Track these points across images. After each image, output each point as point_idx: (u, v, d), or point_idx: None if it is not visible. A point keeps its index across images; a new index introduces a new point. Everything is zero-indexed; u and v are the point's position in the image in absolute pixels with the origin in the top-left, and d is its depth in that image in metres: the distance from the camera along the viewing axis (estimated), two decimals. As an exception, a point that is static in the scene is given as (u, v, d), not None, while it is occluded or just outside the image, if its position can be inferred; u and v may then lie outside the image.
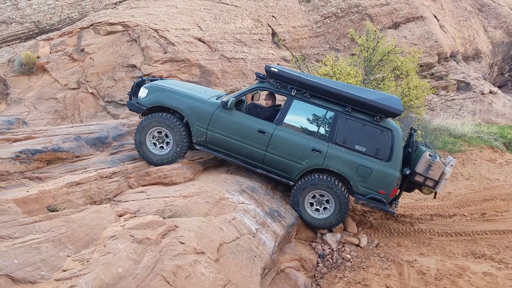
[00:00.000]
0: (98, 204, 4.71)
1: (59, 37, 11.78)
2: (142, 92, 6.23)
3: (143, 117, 6.26)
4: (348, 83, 9.45)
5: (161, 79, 7.28)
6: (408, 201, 8.85)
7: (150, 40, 10.89)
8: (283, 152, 5.87)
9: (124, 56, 11.11)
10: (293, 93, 5.93)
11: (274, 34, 13.75)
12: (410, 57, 10.88)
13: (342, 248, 6.39)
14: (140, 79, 6.65)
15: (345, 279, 5.51)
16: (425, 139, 11.24)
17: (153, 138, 6.13)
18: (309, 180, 5.88)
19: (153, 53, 10.72)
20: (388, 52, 10.88)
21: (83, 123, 8.89)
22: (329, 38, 14.76)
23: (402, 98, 10.34)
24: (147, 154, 6.12)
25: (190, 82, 10.26)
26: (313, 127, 5.94)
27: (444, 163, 5.73)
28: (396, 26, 15.94)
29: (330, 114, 5.88)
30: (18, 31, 12.37)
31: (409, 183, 6.02)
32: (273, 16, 14.11)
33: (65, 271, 2.87)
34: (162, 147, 6.16)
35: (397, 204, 6.00)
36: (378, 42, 11.02)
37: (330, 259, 6.04)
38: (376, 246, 6.55)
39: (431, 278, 5.39)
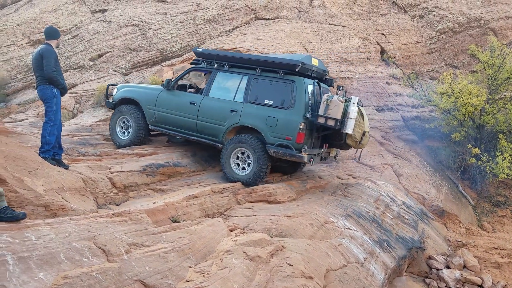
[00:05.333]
0: (211, 218, 5.02)
1: (180, 63, 13.05)
2: (114, 91, 7.87)
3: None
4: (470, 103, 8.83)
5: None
6: (546, 242, 7.51)
7: (259, 63, 11.37)
8: (209, 117, 6.75)
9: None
10: (215, 66, 6.95)
11: (383, 51, 13.23)
12: (546, 74, 9.40)
13: (462, 288, 5.71)
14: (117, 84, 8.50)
15: (466, 325, 4.89)
16: None
17: (121, 128, 7.47)
18: (231, 140, 6.51)
19: (262, 75, 11.18)
20: (518, 69, 9.58)
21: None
22: (445, 54, 13.61)
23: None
24: (115, 139, 7.42)
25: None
26: (233, 92, 6.76)
27: (342, 101, 5.94)
28: (527, 39, 13.96)
29: (245, 78, 6.70)
30: (146, 57, 14.08)
31: (325, 130, 6.30)
32: (382, 34, 13.62)
33: (188, 281, 3.07)
34: (129, 132, 7.41)
35: (306, 150, 6.11)
36: (504, 58, 9.79)
37: (447, 300, 5.44)
38: (504, 291, 5.70)
39: None
